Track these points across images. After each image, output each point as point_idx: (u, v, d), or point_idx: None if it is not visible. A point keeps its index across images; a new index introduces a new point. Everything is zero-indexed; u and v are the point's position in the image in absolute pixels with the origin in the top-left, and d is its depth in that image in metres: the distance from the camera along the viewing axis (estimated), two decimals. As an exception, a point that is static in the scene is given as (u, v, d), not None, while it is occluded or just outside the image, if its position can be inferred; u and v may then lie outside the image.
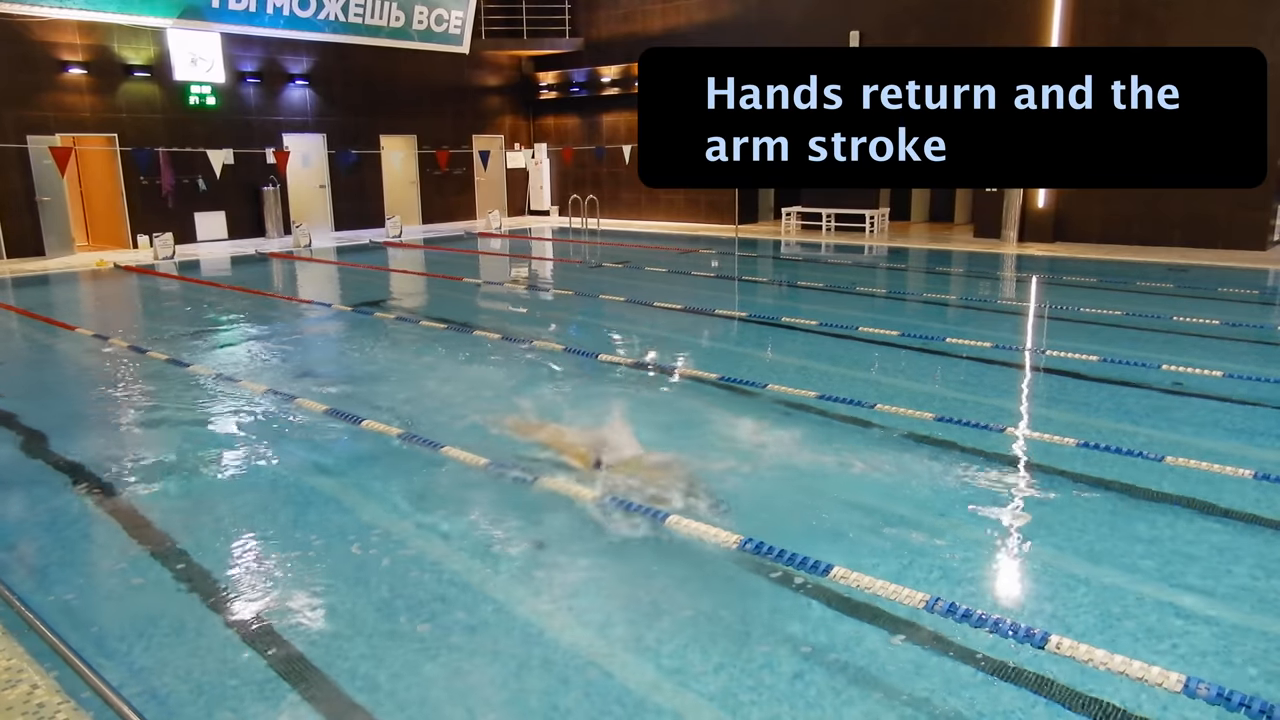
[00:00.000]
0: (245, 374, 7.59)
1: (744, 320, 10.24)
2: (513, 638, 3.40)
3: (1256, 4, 13.64)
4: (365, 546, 4.20)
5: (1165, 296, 10.89)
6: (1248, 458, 5.12)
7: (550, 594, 3.74)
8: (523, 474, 4.98)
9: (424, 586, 3.82)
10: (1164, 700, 2.89)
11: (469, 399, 6.73)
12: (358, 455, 5.50)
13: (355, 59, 19.31)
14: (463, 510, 4.61)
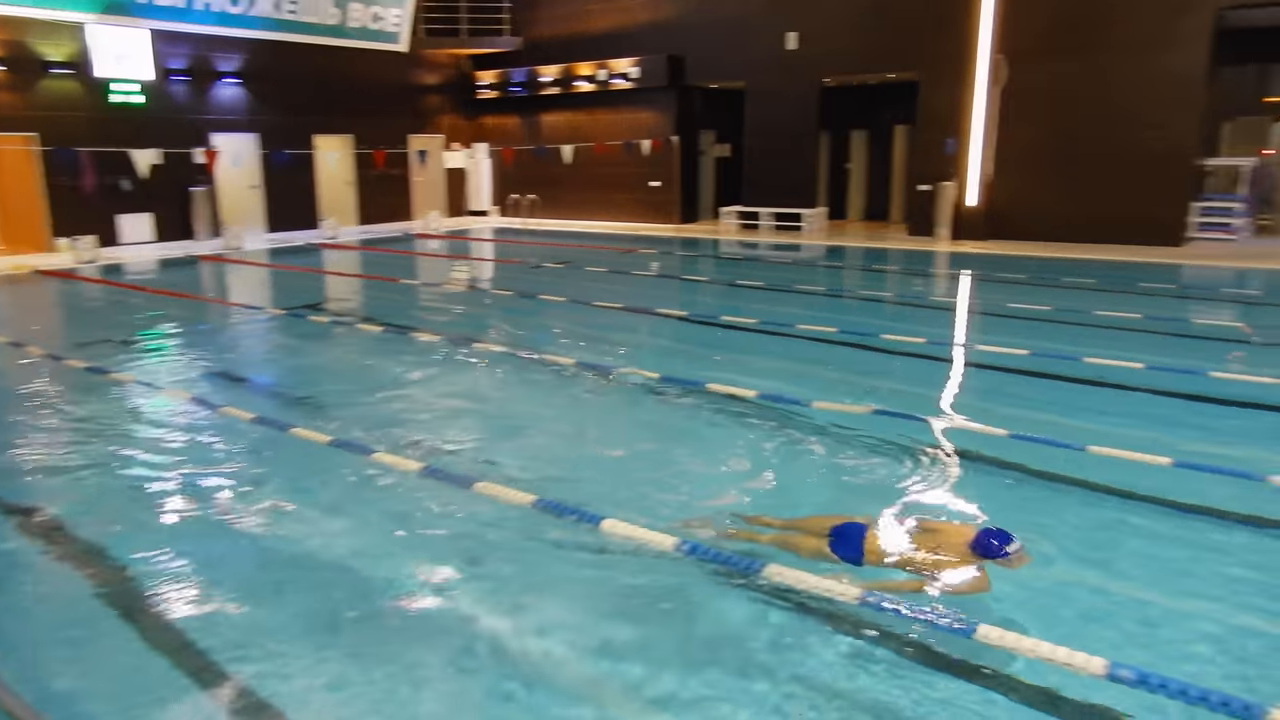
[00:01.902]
0: (169, 382, 7.37)
1: (683, 319, 10.28)
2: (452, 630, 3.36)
3: (1177, 10, 14.15)
4: (275, 548, 4.11)
5: (1090, 292, 11.24)
6: (1167, 446, 5.29)
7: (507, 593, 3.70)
8: (462, 482, 4.92)
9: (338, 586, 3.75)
10: (1088, 684, 2.98)
11: (408, 403, 6.64)
12: (284, 461, 5.37)
13: (289, 57, 18.89)
14: (390, 516, 4.54)
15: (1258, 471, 4.85)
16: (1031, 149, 15.56)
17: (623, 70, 19.99)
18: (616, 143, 20.12)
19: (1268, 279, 12.50)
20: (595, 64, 20.41)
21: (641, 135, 19.93)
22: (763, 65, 18.42)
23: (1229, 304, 11.19)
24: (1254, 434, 5.83)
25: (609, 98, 20.54)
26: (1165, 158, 14.49)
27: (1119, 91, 14.67)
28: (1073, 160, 15.20)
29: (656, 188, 20.43)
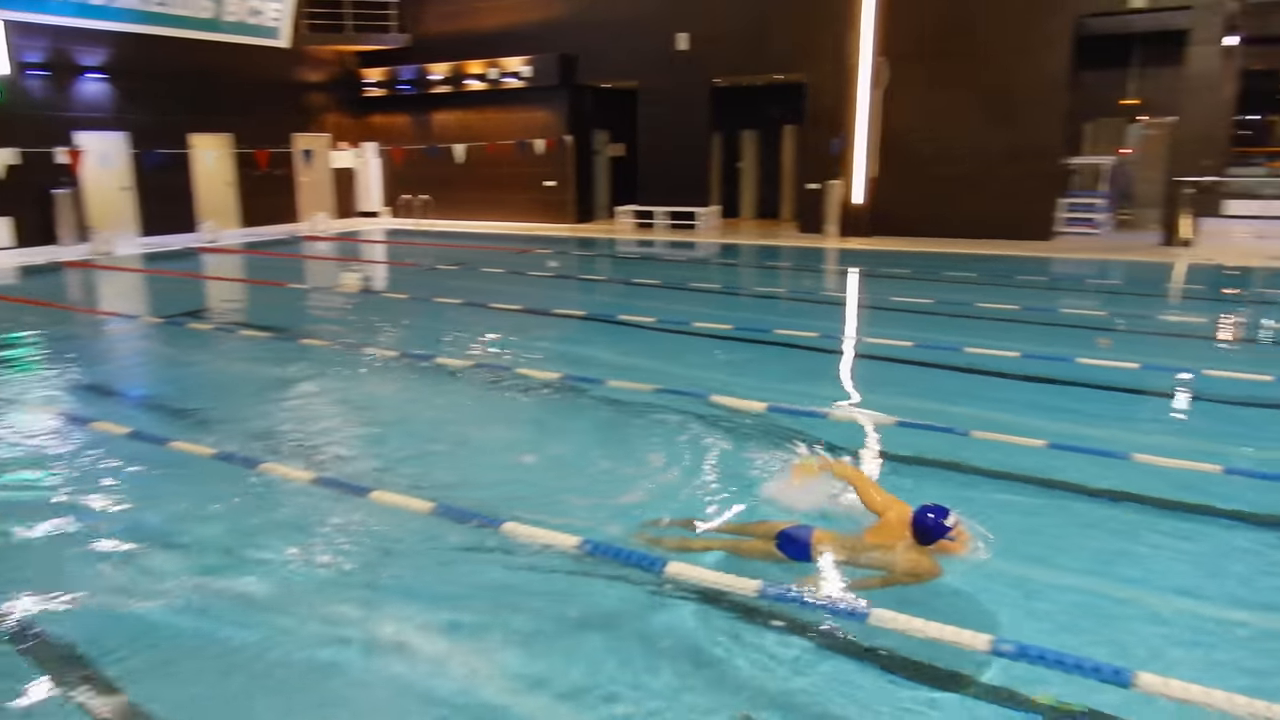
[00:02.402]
0: (34, 398, 6.91)
1: (582, 319, 10.27)
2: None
3: (1041, 17, 14.96)
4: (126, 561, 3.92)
5: (969, 285, 11.78)
6: (1041, 429, 5.60)
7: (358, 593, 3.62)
8: (358, 491, 4.79)
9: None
10: (979, 660, 3.12)
11: (299, 412, 6.41)
12: (164, 477, 5.11)
13: (160, 51, 17.93)
14: (281, 528, 4.38)
15: (1121, 450, 5.19)
16: (912, 147, 16.18)
17: (514, 69, 19.82)
18: (509, 142, 19.94)
19: (1128, 270, 13.36)
20: (486, 62, 20.16)
21: (535, 134, 19.80)
22: (654, 65, 18.57)
23: (1094, 294, 11.92)
24: (1117, 415, 6.23)
25: (501, 96, 20.32)
26: (1034, 157, 15.31)
27: (990, 94, 15.41)
28: (950, 159, 15.89)
29: (551, 187, 20.34)
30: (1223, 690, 2.78)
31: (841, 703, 2.98)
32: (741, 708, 2.96)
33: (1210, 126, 15.13)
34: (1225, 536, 4.21)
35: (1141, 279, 12.58)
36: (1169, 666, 3.07)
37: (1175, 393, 6.74)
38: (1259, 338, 8.88)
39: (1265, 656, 3.24)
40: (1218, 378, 6.95)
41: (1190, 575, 3.83)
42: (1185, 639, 3.37)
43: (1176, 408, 6.53)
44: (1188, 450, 5.21)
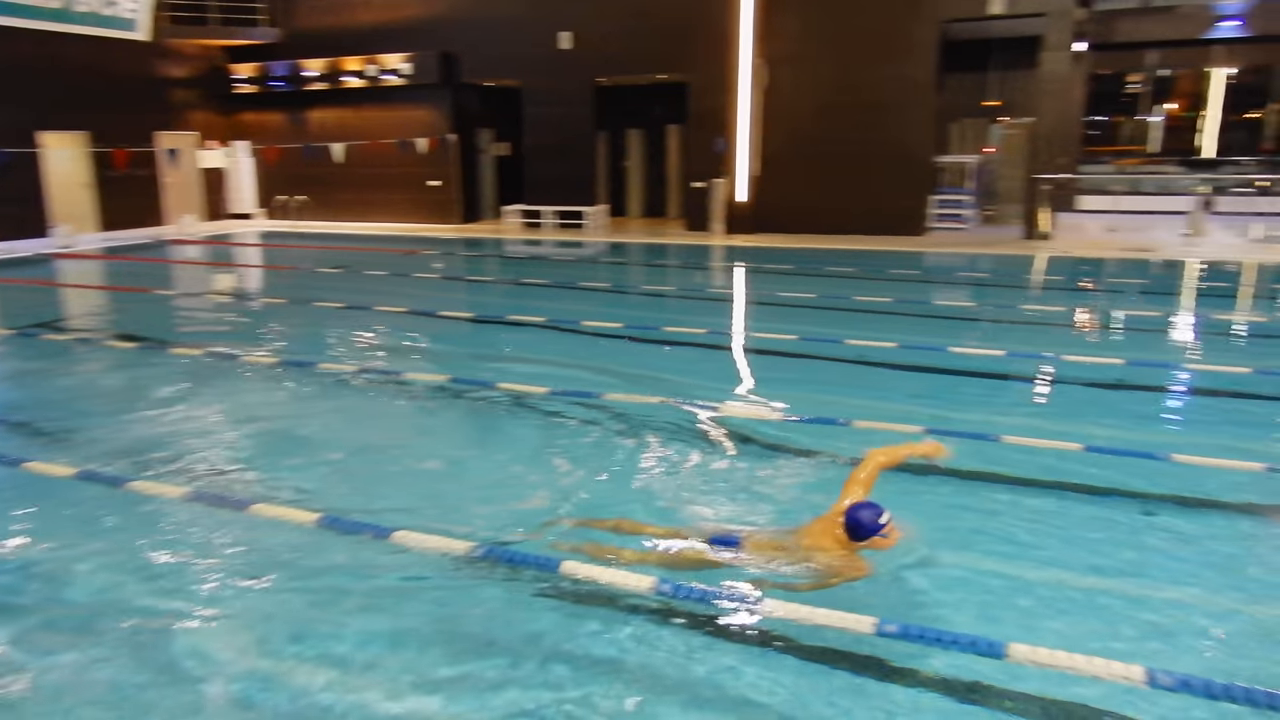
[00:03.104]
0: None
1: (471, 320, 10.13)
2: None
3: (908, 22, 15.61)
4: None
5: (848, 279, 12.21)
6: (918, 416, 5.86)
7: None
8: (236, 505, 4.58)
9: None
10: (863, 641, 3.24)
11: (169, 425, 6.08)
12: (19, 500, 4.77)
13: (4, 44, 16.66)
14: (153, 547, 4.16)
15: (991, 432, 5.48)
16: (792, 147, 16.63)
17: (393, 66, 19.33)
18: (391, 141, 19.44)
19: (993, 262, 14.11)
20: (364, 59, 19.60)
21: (417, 133, 19.37)
22: (537, 64, 18.46)
23: (963, 286, 12.54)
24: (986, 400, 6.58)
25: (380, 94, 19.79)
26: (906, 156, 15.99)
27: (863, 94, 15.99)
28: (828, 158, 16.42)
29: (436, 187, 19.96)
30: (1084, 655, 2.97)
31: (739, 689, 3.04)
32: (640, 699, 2.99)
33: (1063, 127, 16.14)
34: (1086, 510, 4.50)
35: (1006, 271, 13.30)
36: (1040, 635, 3.27)
37: (1038, 377, 7.17)
38: (1111, 324, 9.53)
39: (1124, 622, 3.48)
40: (1076, 362, 7.43)
41: (1056, 548, 4.08)
42: (1053, 608, 3.58)
43: (1040, 391, 6.94)
44: (1051, 431, 5.55)
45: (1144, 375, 7.10)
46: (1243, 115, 21.16)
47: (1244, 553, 4.10)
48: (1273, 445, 5.45)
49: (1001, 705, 2.95)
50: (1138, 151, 22.02)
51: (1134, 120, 22.19)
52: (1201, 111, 20.91)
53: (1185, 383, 7.11)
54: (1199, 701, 2.85)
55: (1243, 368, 7.20)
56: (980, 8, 14.99)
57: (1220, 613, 3.55)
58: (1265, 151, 20.79)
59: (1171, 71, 21.22)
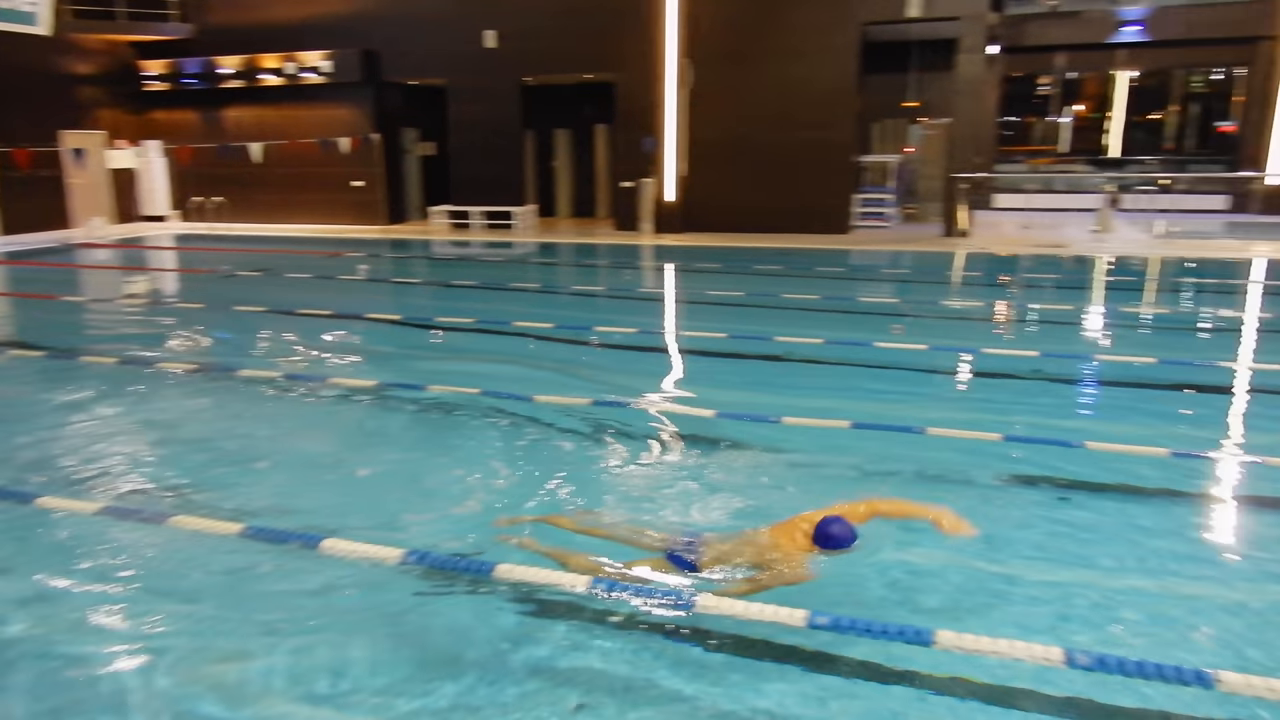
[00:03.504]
0: None
1: (398, 323, 9.96)
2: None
3: (830, 24, 15.90)
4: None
5: (776, 277, 12.39)
6: (845, 411, 5.98)
7: (193, 642, 3.36)
8: (155, 518, 4.42)
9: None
10: (799, 633, 3.30)
11: (81, 438, 5.83)
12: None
13: (-113, 36, 15.74)
14: (65, 566, 3.99)
15: (918, 425, 5.63)
16: (719, 147, 16.79)
17: (313, 64, 18.88)
18: (312, 140, 18.99)
19: (915, 259, 14.48)
20: (282, 56, 19.09)
21: (339, 132, 18.96)
22: (462, 63, 18.25)
23: (887, 282, 12.85)
24: (911, 393, 6.75)
25: (300, 92, 19.31)
26: (829, 155, 16.29)
27: (788, 95, 16.24)
28: (754, 158, 16.63)
29: (360, 187, 19.56)
30: (1006, 639, 3.08)
31: (675, 686, 3.06)
32: (576, 699, 2.98)
33: (979, 127, 16.66)
34: (1008, 498, 4.66)
35: (927, 267, 13.67)
36: (964, 622, 3.37)
37: (959, 370, 7.39)
38: (1027, 317, 9.87)
39: (1043, 604, 3.61)
40: (995, 354, 7.68)
41: (981, 537, 4.20)
42: (979, 596, 3.70)
43: (961, 383, 7.16)
44: (971, 422, 5.72)
45: (1058, 366, 7.38)
46: (1145, 116, 22.16)
47: (1152, 534, 4.29)
48: (1176, 431, 5.72)
49: (931, 689, 3.03)
50: (1049, 151, 22.89)
51: (1045, 121, 23.04)
52: (1107, 113, 21.84)
53: (1096, 373, 7.41)
54: (1115, 679, 2.98)
55: (1148, 358, 7.54)
56: (898, 10, 15.36)
57: (1132, 591, 3.71)
58: (1166, 151, 21.82)
59: (1079, 74, 22.12)
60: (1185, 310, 10.38)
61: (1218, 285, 11.87)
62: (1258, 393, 6.78)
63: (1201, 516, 4.63)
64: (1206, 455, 5.27)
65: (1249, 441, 5.64)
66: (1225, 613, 3.54)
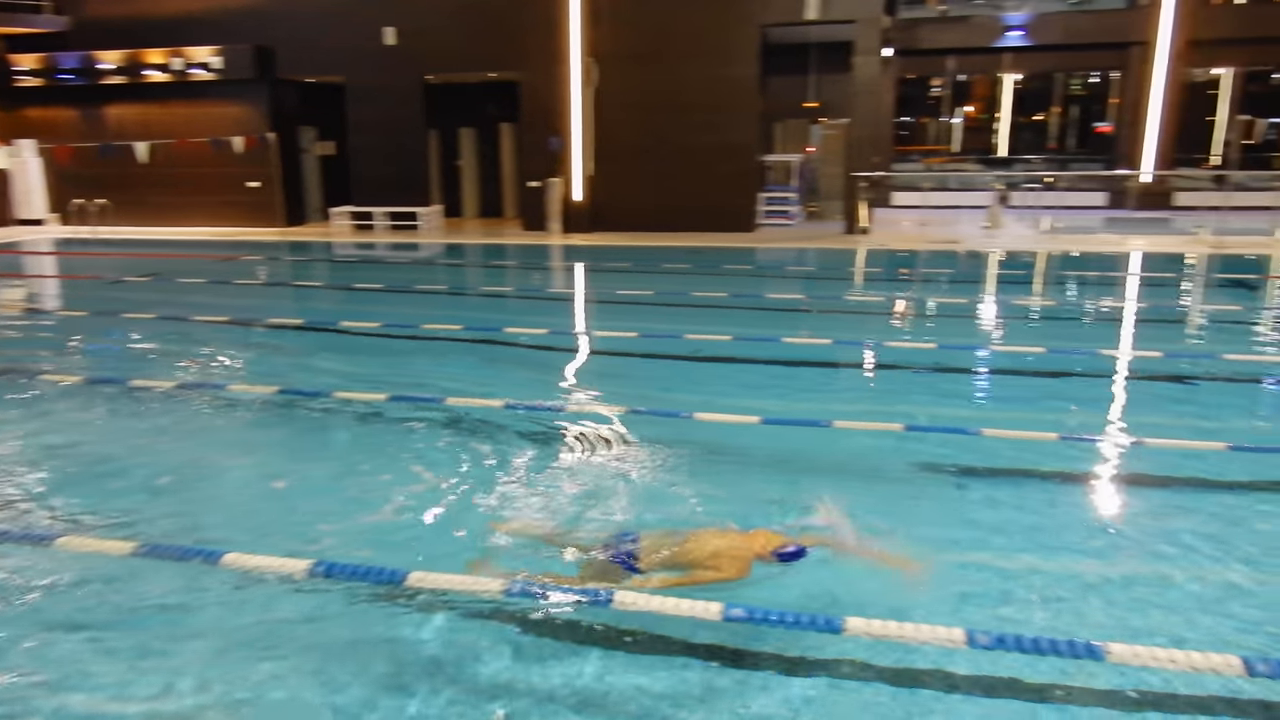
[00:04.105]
0: None
1: (300, 329, 9.65)
2: None
3: (731, 25, 16.13)
4: None
5: (684, 275, 12.51)
6: (755, 407, 6.09)
7: (85, 668, 3.19)
8: (39, 540, 4.17)
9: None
10: (715, 627, 3.34)
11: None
12: None
13: None
14: (-48, 593, 3.73)
15: (824, 418, 5.77)
16: (626, 147, 16.85)
17: (202, 60, 18.12)
18: (203, 140, 18.21)
19: (819, 256, 14.83)
20: (168, 51, 18.25)
21: (231, 131, 18.24)
22: (361, 60, 17.80)
23: (792, 279, 13.12)
24: (817, 387, 6.92)
25: (189, 90, 18.50)
26: (734, 155, 16.53)
27: (692, 95, 16.41)
28: (661, 157, 16.74)
29: (255, 188, 18.88)
30: (913, 623, 3.19)
31: (597, 688, 3.06)
32: (499, 708, 2.96)
33: (876, 127, 17.16)
34: (910, 487, 4.83)
35: (830, 264, 14.02)
36: (872, 608, 3.47)
37: (863, 363, 7.61)
38: (926, 311, 10.23)
39: (946, 586, 3.75)
40: (895, 347, 7.93)
41: (886, 523, 4.34)
42: (880, 580, 3.81)
43: (865, 376, 7.37)
44: (876, 414, 5.91)
45: (955, 358, 7.68)
46: (1030, 118, 23.25)
47: (1044, 515, 4.51)
48: (1064, 417, 6.02)
49: (843, 676, 3.12)
50: (943, 151, 23.78)
51: (939, 122, 23.94)
52: (996, 114, 22.81)
53: (990, 363, 7.74)
54: (1013, 655, 3.12)
55: (1038, 348, 7.92)
56: (797, 13, 15.70)
57: (1027, 571, 3.89)
58: (1050, 150, 22.95)
59: (968, 77, 23.04)
60: (1070, 302, 10.94)
61: (1099, 277, 12.55)
62: (1136, 378, 7.20)
63: (1089, 497, 4.89)
64: (1092, 438, 5.57)
65: (1130, 424, 5.99)
66: (1113, 587, 3.75)
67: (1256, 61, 21.01)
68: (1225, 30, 19.58)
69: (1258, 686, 2.98)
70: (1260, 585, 3.75)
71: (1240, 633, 3.37)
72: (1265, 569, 3.87)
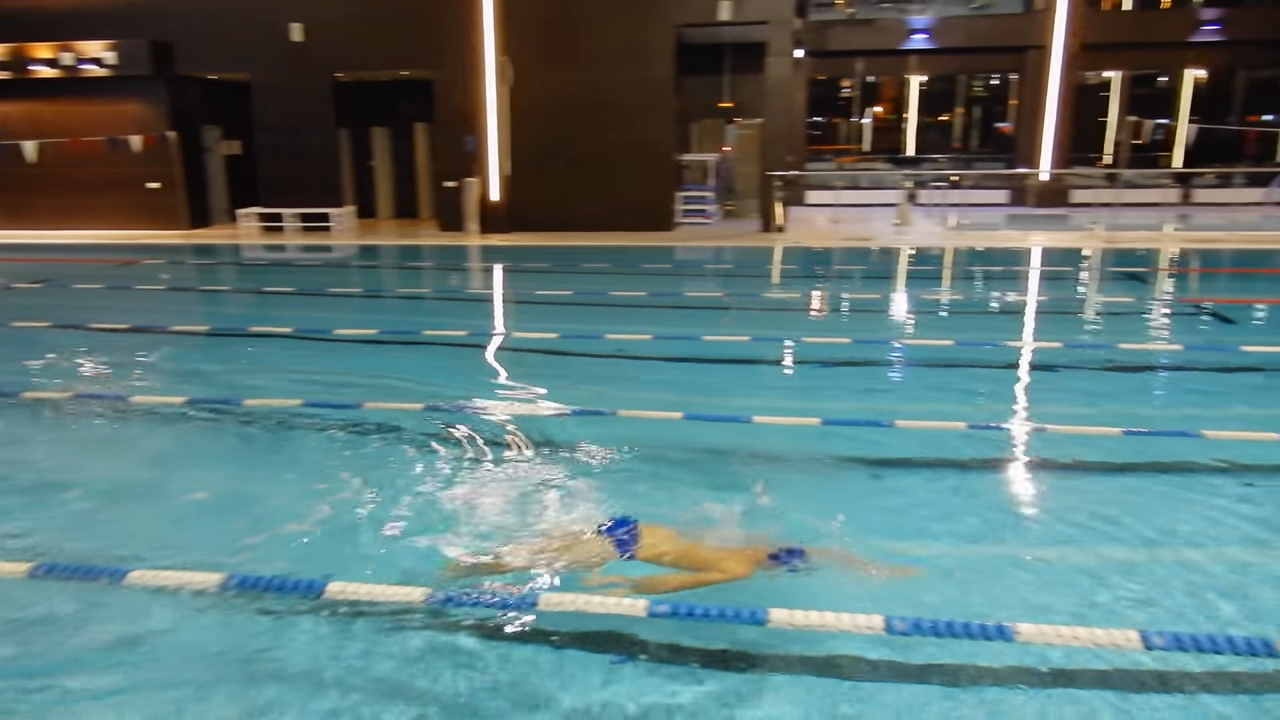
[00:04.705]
0: None
1: (208, 335, 9.32)
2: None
3: (645, 25, 16.21)
4: None
5: (604, 275, 12.52)
6: (678, 404, 6.14)
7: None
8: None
9: None
10: (637, 623, 3.36)
11: None
12: None
13: None
14: None
15: (744, 414, 5.86)
16: (543, 146, 16.75)
17: (94, 55, 17.29)
18: (97, 139, 17.38)
19: (736, 254, 15.03)
20: (57, 46, 17.36)
21: (128, 130, 17.45)
22: (266, 56, 17.25)
23: (711, 277, 13.27)
24: (738, 384, 7.02)
25: (81, 86, 17.63)
26: (651, 154, 16.61)
27: (609, 95, 16.43)
28: (578, 157, 16.71)
29: (156, 190, 18.12)
30: (833, 611, 3.27)
31: (522, 692, 3.04)
32: (415, 713, 2.91)
33: (789, 127, 17.48)
34: (831, 480, 4.94)
35: (749, 262, 14.23)
36: (796, 598, 3.54)
37: (782, 359, 7.74)
38: (840, 307, 10.48)
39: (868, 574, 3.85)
40: (812, 343, 8.10)
41: (799, 515, 4.43)
42: (805, 575, 3.89)
43: (783, 373, 7.50)
44: (794, 409, 6.02)
45: (868, 352, 7.88)
46: (936, 118, 24.05)
47: (955, 502, 4.67)
48: (973, 408, 6.25)
49: (769, 670, 3.18)
50: (854, 150, 24.40)
51: (850, 122, 24.55)
52: (904, 114, 23.51)
53: (902, 356, 7.97)
54: (929, 640, 3.23)
55: (946, 340, 8.19)
56: (711, 14, 15.87)
57: (941, 557, 4.02)
58: (955, 150, 23.78)
59: (876, 78, 23.68)
60: (976, 296, 11.35)
61: (1003, 272, 13.05)
62: (1038, 368, 7.52)
63: (995, 484, 5.08)
64: (999, 426, 5.80)
65: (1034, 412, 6.25)
66: (1020, 569, 3.90)
67: (1143, 65, 22.19)
68: (1114, 35, 20.61)
69: (1154, 659, 3.14)
70: (1155, 562, 3.96)
71: (1136, 608, 3.56)
72: (1159, 546, 4.09)
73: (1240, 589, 3.70)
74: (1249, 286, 11.63)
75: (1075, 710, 2.94)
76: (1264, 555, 4.06)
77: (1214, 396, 6.53)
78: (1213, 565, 3.91)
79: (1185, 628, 3.37)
